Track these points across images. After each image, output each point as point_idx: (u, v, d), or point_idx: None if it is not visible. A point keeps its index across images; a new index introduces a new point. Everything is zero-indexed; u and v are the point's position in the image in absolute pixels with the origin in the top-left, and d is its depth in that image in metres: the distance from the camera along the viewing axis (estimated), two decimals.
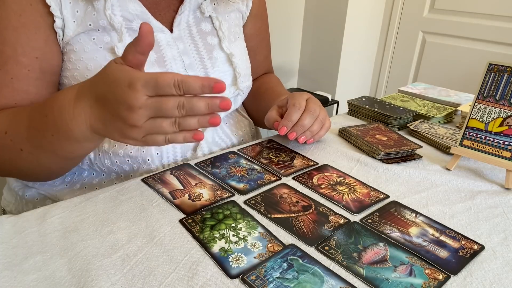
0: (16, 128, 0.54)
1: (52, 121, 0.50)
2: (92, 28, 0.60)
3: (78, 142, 0.50)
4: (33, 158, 0.54)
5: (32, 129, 0.52)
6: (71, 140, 0.50)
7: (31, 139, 0.53)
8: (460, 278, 0.42)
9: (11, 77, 0.56)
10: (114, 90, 0.43)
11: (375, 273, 0.42)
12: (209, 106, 0.43)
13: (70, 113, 0.48)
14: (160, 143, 0.46)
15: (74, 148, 0.52)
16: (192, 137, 0.46)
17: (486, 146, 0.63)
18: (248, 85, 0.77)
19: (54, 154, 0.54)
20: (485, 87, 0.64)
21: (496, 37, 1.93)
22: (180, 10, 0.67)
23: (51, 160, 0.55)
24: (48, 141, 0.51)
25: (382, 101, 0.92)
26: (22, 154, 0.54)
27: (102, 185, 0.67)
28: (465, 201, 0.57)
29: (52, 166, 0.57)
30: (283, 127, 0.66)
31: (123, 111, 0.43)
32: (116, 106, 0.43)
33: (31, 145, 0.53)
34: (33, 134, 0.52)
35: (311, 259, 0.43)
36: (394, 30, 2.30)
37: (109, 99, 0.44)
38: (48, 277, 0.40)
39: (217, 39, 0.71)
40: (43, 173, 0.59)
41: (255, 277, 0.40)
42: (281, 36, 2.18)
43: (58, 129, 0.49)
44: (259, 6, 0.83)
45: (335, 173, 0.63)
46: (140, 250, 0.44)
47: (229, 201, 0.54)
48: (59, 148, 0.52)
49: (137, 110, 0.42)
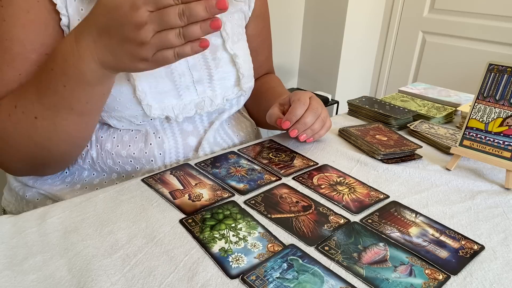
0: (25, 97, 0.53)
1: (60, 71, 0.50)
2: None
3: (90, 85, 0.51)
4: (49, 123, 0.54)
5: (42, 89, 0.52)
6: (83, 84, 0.50)
7: (43, 101, 0.52)
8: (460, 278, 0.42)
9: (19, 73, 0.56)
10: (117, 15, 0.44)
11: (375, 273, 0.42)
12: (208, 9, 0.44)
13: (75, 55, 0.48)
14: (170, 58, 0.47)
15: (89, 95, 0.52)
16: (199, 45, 0.47)
17: (486, 146, 0.63)
18: (251, 86, 0.77)
19: (70, 111, 0.53)
20: (485, 87, 0.64)
21: (496, 37, 1.93)
22: None
23: (68, 121, 0.54)
24: (61, 95, 0.51)
25: (382, 101, 0.92)
26: (37, 122, 0.53)
27: (103, 185, 0.67)
28: (465, 201, 0.57)
29: (70, 129, 0.56)
30: (286, 121, 0.66)
31: (130, 32, 0.44)
32: (121, 29, 0.45)
33: (45, 107, 0.53)
34: (43, 94, 0.52)
35: (311, 259, 0.43)
36: (394, 30, 2.30)
37: (112, 25, 0.45)
38: (48, 277, 0.40)
39: (221, 40, 0.71)
40: (63, 143, 0.58)
41: (255, 277, 0.40)
42: (281, 36, 2.18)
43: (68, 76, 0.50)
44: (261, 6, 0.83)
45: (335, 173, 0.63)
46: (140, 250, 0.44)
47: (229, 201, 0.54)
48: (73, 100, 0.52)
49: (143, 26, 0.44)
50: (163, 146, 0.67)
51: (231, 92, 0.72)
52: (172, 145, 0.68)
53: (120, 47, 0.46)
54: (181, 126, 0.69)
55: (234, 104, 0.76)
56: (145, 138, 0.66)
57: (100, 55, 0.48)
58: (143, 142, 0.66)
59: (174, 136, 0.68)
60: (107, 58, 0.48)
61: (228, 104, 0.74)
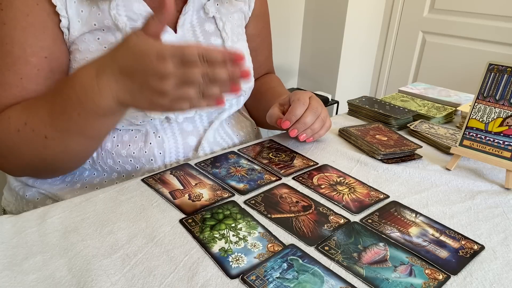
0: (36, 117, 0.54)
1: (77, 100, 0.50)
2: (97, 27, 0.60)
3: (105, 116, 0.51)
4: (59, 143, 0.54)
5: (56, 113, 0.52)
6: (98, 116, 0.51)
7: (55, 123, 0.53)
8: (460, 278, 0.42)
9: (20, 77, 0.56)
10: (142, 62, 0.45)
11: (375, 273, 0.42)
12: (231, 75, 0.45)
13: (95, 90, 0.48)
14: (185, 108, 0.48)
15: (101, 124, 0.53)
16: (215, 103, 0.48)
17: (486, 146, 0.63)
18: (251, 86, 0.78)
19: (82, 135, 0.54)
20: (485, 87, 0.64)
21: (496, 37, 1.93)
22: (184, 10, 0.68)
23: (78, 143, 0.55)
24: (75, 122, 0.52)
25: (382, 101, 0.92)
26: (47, 142, 0.54)
27: (103, 185, 0.67)
28: (465, 201, 0.57)
29: (78, 149, 0.57)
30: (286, 121, 0.67)
31: (152, 80, 0.45)
32: (145, 76, 0.45)
33: (56, 129, 0.53)
34: (57, 117, 0.52)
35: (311, 259, 0.43)
36: (394, 30, 2.30)
37: (137, 70, 0.46)
38: (48, 277, 0.40)
39: (221, 40, 0.72)
40: (69, 160, 0.59)
41: (255, 277, 0.40)
42: (281, 36, 2.18)
43: (84, 107, 0.50)
44: (261, 6, 0.84)
45: (335, 173, 0.63)
46: (140, 250, 0.44)
47: (229, 201, 0.54)
48: (86, 127, 0.53)
49: (167, 78, 0.44)
50: (163, 146, 0.67)
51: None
52: (172, 144, 0.68)
53: (140, 92, 0.47)
54: (181, 126, 0.69)
55: (233, 104, 0.76)
56: (145, 138, 0.66)
57: (119, 94, 0.48)
58: (143, 141, 0.66)
59: (174, 135, 0.68)
60: (125, 98, 0.49)
61: (228, 103, 0.74)
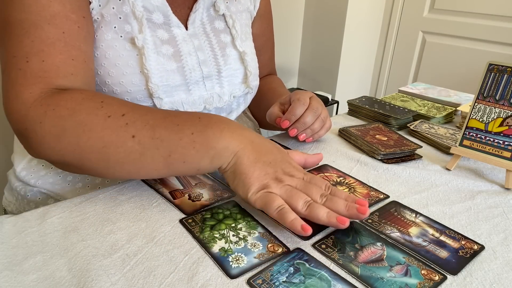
0: (142, 114, 0.50)
1: (199, 123, 0.50)
2: (115, 12, 0.59)
3: (202, 157, 0.49)
4: (136, 149, 0.49)
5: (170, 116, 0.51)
6: (200, 152, 0.49)
7: (158, 128, 0.49)
8: (460, 278, 0.42)
9: (62, 31, 0.53)
10: (279, 155, 0.52)
11: (370, 272, 0.42)
12: (348, 208, 0.47)
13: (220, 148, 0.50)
14: (272, 207, 0.47)
15: (194, 156, 0.49)
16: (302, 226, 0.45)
17: (486, 146, 0.63)
18: (257, 84, 0.78)
19: (165, 156, 0.49)
20: (485, 87, 0.64)
21: (496, 37, 1.93)
22: (195, 7, 0.68)
23: (149, 160, 0.49)
24: (179, 136, 0.49)
25: (382, 101, 0.92)
26: (128, 143, 0.48)
27: (105, 185, 0.67)
28: (465, 201, 0.57)
29: (146, 166, 0.50)
30: (286, 121, 0.67)
31: (280, 172, 0.50)
32: (276, 163, 0.51)
33: (152, 136, 0.49)
34: (170, 123, 0.50)
35: (317, 263, 0.43)
36: (394, 30, 2.30)
37: (272, 152, 0.52)
38: (48, 277, 0.40)
39: (230, 37, 0.72)
40: (124, 168, 0.51)
41: (262, 280, 0.40)
42: (281, 36, 2.18)
43: (203, 132, 0.49)
44: (265, 6, 0.84)
45: (335, 173, 0.63)
46: (140, 250, 0.44)
47: (229, 201, 0.54)
48: (182, 149, 0.49)
49: (290, 179, 0.49)
50: None
51: (238, 89, 0.73)
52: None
53: (262, 168, 0.49)
54: None
55: (241, 103, 0.76)
56: None
57: (240, 154, 0.50)
58: None
59: None
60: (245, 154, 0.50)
61: (236, 103, 0.74)
